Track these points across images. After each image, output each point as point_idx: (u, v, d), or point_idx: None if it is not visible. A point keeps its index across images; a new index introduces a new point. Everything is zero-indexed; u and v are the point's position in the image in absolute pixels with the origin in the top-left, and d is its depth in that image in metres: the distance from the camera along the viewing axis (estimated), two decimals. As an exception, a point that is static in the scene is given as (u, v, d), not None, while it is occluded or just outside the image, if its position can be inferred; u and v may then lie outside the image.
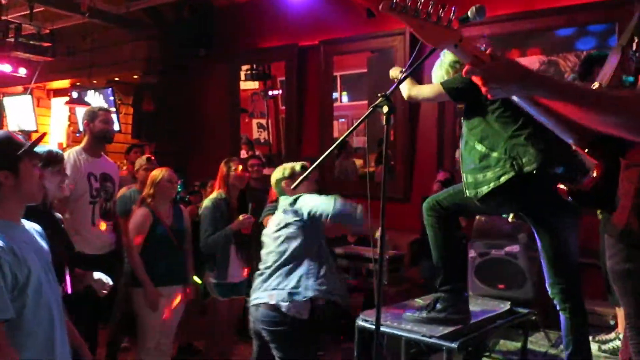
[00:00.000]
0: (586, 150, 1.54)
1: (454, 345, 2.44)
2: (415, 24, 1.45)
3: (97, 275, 2.59)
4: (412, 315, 2.68)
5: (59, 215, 2.75)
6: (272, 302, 2.78)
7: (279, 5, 5.98)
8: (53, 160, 2.63)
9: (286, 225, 2.90)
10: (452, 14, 1.52)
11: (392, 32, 5.32)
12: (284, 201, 2.98)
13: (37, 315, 1.72)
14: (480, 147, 2.51)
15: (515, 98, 1.45)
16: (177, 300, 3.55)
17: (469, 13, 2.00)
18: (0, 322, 1.60)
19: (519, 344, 3.24)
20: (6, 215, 1.76)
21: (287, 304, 2.74)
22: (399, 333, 2.60)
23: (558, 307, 2.56)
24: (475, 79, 1.37)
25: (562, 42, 4.56)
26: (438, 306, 2.62)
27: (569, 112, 1.34)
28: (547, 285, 2.61)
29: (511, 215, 2.84)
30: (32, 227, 1.91)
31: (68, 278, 2.48)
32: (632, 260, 1.39)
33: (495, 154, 2.45)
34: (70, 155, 3.52)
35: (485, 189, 2.44)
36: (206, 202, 3.85)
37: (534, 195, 2.44)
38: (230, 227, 3.69)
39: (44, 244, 1.88)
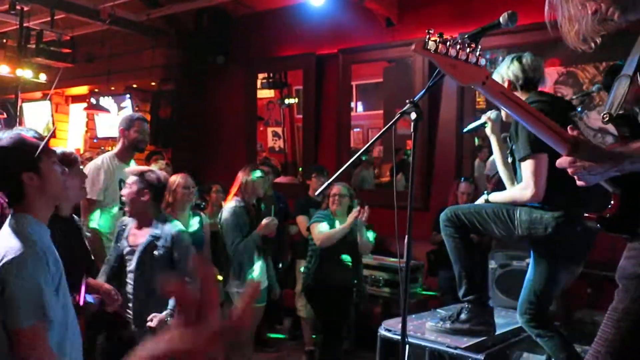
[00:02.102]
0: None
1: (480, 357, 2.39)
2: (447, 63, 1.51)
3: (107, 287, 2.59)
4: (435, 325, 2.63)
5: (77, 219, 2.71)
6: None
7: (298, 14, 6.00)
8: (68, 161, 2.40)
9: None
10: (477, 51, 1.53)
11: (411, 41, 5.25)
12: None
13: (56, 318, 1.68)
14: None
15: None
16: None
17: (500, 19, 2.00)
18: (42, 322, 1.57)
19: (542, 357, 3.17)
20: (38, 216, 1.73)
21: None
22: (423, 343, 2.56)
23: (533, 335, 2.48)
24: (571, 171, 1.42)
25: (581, 53, 4.50)
26: (462, 316, 2.57)
27: None
28: (518, 313, 2.54)
29: None
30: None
31: (83, 288, 2.43)
32: None
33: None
34: (104, 161, 3.52)
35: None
36: (226, 212, 3.75)
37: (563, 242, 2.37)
38: (257, 232, 3.67)
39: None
